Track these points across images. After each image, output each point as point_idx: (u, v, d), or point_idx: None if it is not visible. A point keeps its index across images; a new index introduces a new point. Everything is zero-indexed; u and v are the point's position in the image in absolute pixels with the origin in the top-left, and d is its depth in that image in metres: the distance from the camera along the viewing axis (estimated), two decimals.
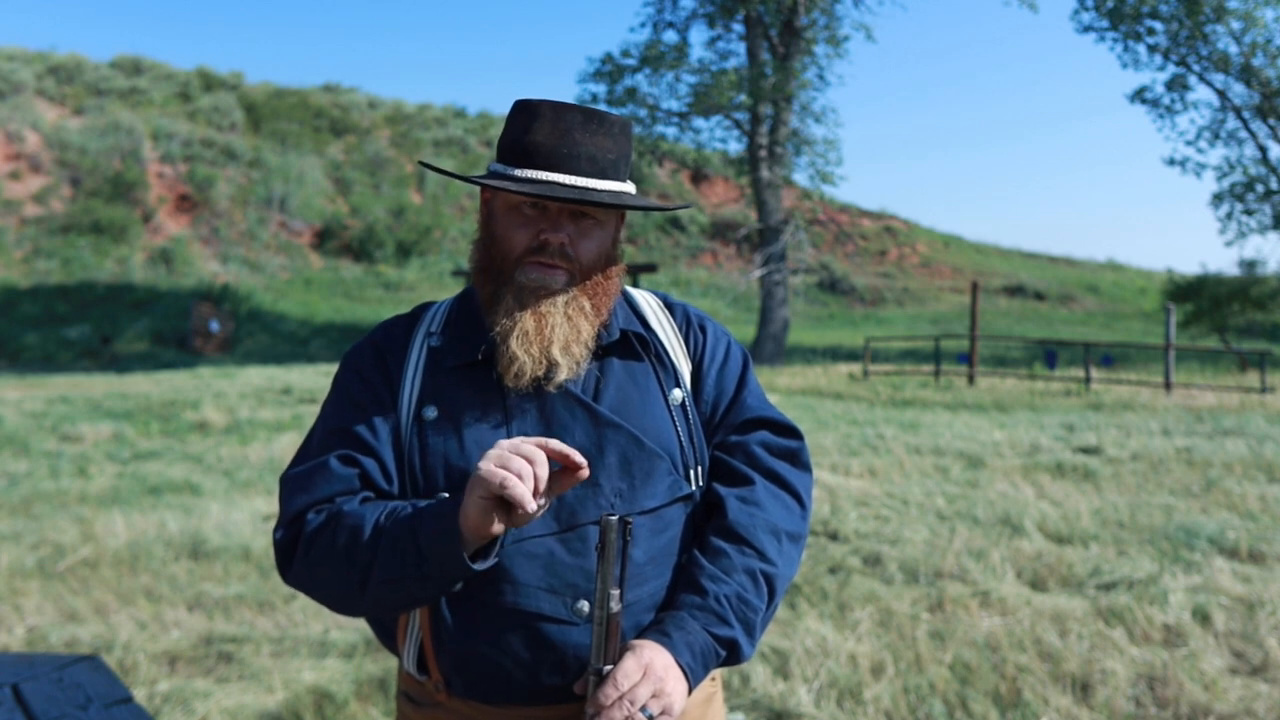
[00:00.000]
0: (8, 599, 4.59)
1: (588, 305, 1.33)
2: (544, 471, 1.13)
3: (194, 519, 6.23)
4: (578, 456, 1.15)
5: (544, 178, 1.28)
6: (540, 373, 1.29)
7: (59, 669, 2.53)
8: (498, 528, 1.15)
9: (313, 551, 1.24)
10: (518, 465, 1.11)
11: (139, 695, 3.27)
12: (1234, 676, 3.53)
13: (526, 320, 1.29)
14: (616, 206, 1.31)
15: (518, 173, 1.29)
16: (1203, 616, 4.11)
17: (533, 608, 1.25)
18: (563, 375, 1.30)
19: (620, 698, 1.14)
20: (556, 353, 1.29)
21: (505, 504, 1.13)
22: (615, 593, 1.15)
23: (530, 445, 1.14)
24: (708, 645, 1.24)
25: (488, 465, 1.12)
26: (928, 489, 6.99)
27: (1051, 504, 6.45)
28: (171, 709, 3.33)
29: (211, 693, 3.44)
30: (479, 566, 1.18)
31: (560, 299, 1.31)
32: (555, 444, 1.14)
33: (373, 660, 3.77)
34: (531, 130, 1.29)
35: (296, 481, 1.30)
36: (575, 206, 1.31)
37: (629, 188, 1.35)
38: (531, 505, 1.11)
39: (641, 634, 1.25)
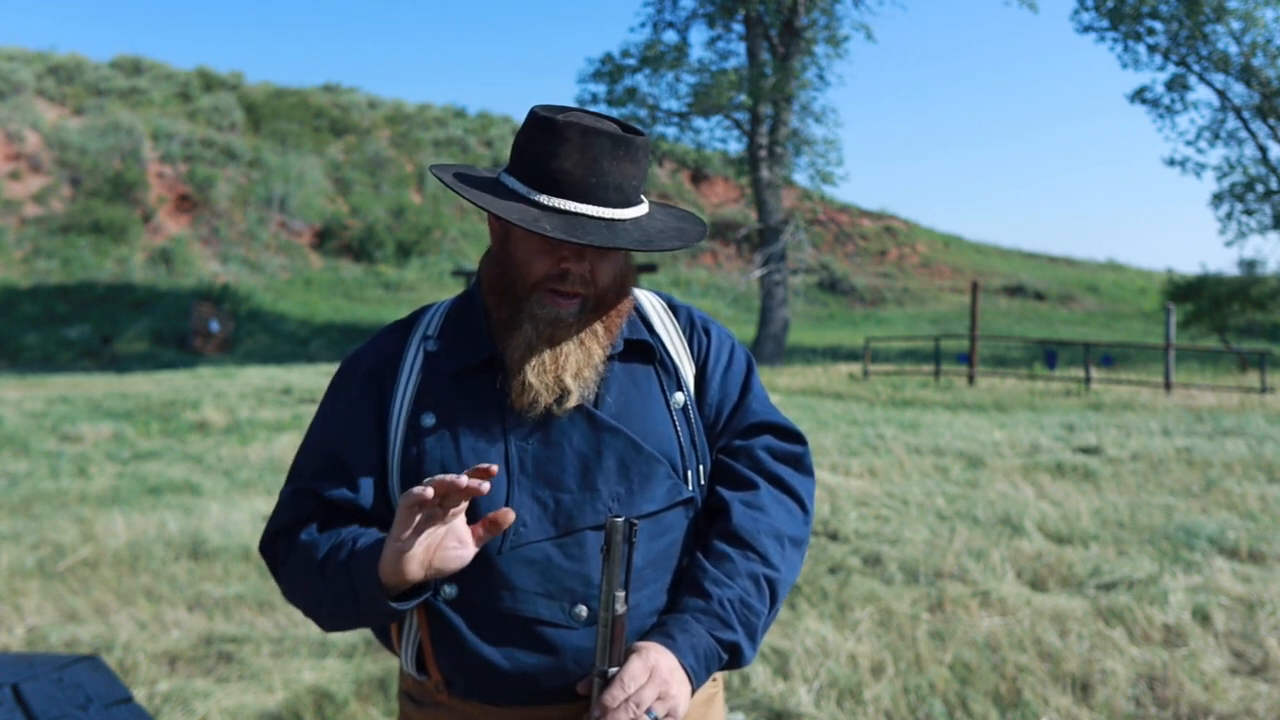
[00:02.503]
0: (8, 599, 4.59)
1: (600, 329, 1.32)
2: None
3: (194, 519, 6.23)
4: (470, 482, 1.09)
5: (571, 208, 1.24)
6: (552, 400, 1.29)
7: (59, 669, 2.53)
8: (416, 573, 1.16)
9: (284, 576, 1.32)
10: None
11: (139, 695, 3.27)
12: (1234, 676, 3.53)
13: (543, 350, 1.28)
14: (648, 251, 1.28)
15: (542, 199, 1.25)
16: (1203, 616, 4.11)
17: (530, 613, 1.25)
18: (573, 401, 1.30)
19: (626, 700, 1.14)
20: (569, 380, 1.29)
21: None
22: (620, 594, 1.14)
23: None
24: (710, 648, 1.24)
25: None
26: (928, 489, 6.99)
27: (1051, 504, 6.45)
28: (171, 709, 3.33)
29: (211, 693, 3.44)
30: (401, 607, 1.20)
31: (575, 325, 1.30)
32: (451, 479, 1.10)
33: (373, 660, 3.77)
34: (559, 155, 1.24)
35: (281, 502, 1.36)
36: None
37: (645, 207, 1.33)
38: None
39: (645, 636, 1.25)
